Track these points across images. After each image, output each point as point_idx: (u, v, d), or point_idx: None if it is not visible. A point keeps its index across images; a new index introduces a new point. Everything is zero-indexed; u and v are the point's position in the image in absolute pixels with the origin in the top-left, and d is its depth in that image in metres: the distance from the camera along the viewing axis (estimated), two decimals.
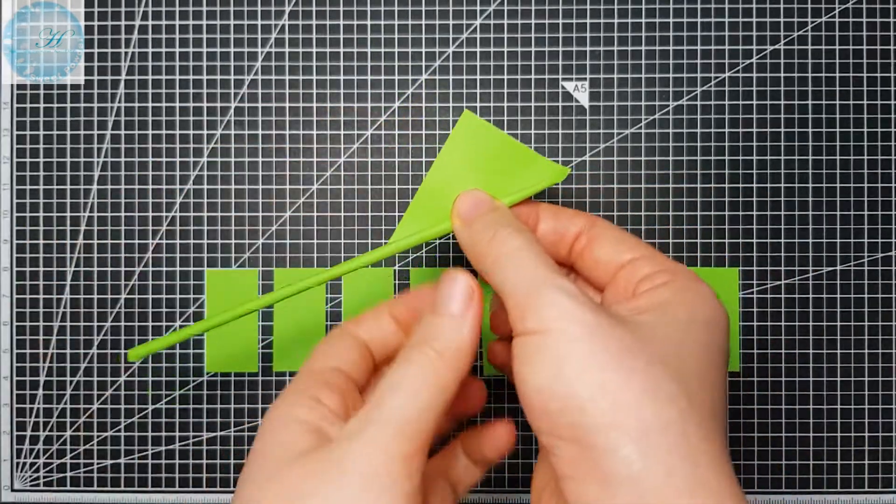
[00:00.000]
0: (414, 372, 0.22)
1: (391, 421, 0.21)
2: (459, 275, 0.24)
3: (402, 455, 0.21)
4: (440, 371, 0.22)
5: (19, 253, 0.33)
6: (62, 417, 0.33)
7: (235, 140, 0.33)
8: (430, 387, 0.22)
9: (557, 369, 0.20)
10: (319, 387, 0.23)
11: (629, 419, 0.19)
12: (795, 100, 0.33)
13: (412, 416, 0.21)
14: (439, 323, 0.23)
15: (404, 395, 0.21)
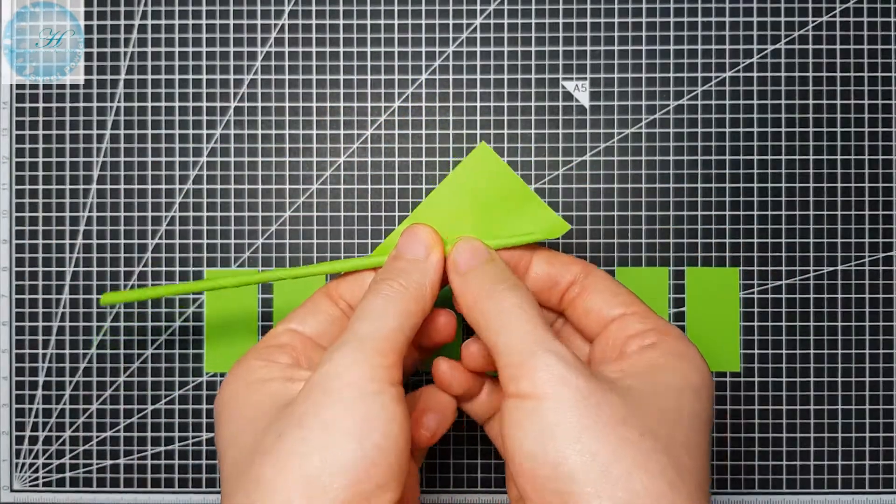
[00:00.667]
0: (382, 301, 0.24)
1: (366, 339, 0.22)
2: (421, 226, 0.26)
3: (383, 366, 0.22)
4: (406, 300, 0.24)
5: (18, 253, 0.33)
6: (62, 418, 0.33)
7: (235, 140, 0.33)
8: (397, 313, 0.23)
9: (549, 436, 0.20)
10: (269, 351, 0.25)
11: (619, 491, 0.20)
12: (796, 100, 0.33)
13: (384, 334, 0.23)
14: (403, 265, 0.25)
15: (375, 320, 0.23)
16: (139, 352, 0.33)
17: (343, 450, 0.20)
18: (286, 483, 0.20)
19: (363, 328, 0.23)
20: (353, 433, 0.21)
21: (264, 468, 0.21)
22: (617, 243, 0.33)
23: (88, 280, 0.33)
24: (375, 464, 0.21)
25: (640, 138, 0.33)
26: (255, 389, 0.24)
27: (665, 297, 0.33)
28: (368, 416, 0.21)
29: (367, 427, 0.21)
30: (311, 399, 0.21)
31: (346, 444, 0.20)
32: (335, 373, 0.21)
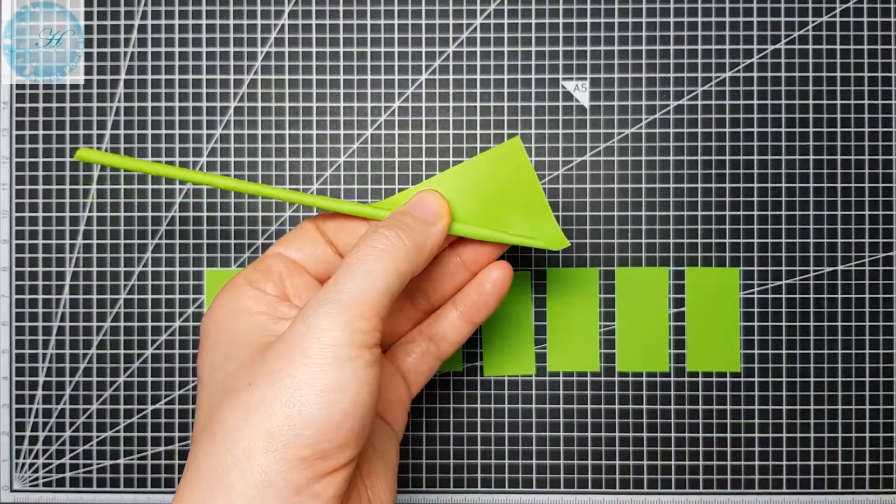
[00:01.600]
0: (374, 255, 0.23)
1: (349, 301, 0.22)
2: (436, 193, 0.26)
3: (362, 330, 0.22)
4: (398, 258, 0.23)
5: (18, 253, 0.33)
6: (62, 418, 0.33)
7: (235, 140, 0.33)
8: (386, 270, 0.23)
9: None
10: (257, 275, 0.25)
11: None
12: (796, 100, 0.33)
13: (368, 296, 0.22)
14: (409, 220, 0.25)
15: (362, 277, 0.22)
16: (139, 352, 0.33)
17: (309, 411, 0.21)
18: (248, 434, 0.21)
19: (347, 285, 0.22)
20: (322, 396, 0.21)
21: (230, 413, 0.21)
22: (617, 243, 0.33)
23: (88, 280, 0.33)
24: (339, 426, 0.21)
25: (640, 138, 0.33)
26: (240, 319, 0.24)
27: (665, 297, 0.33)
28: (340, 381, 0.21)
29: (337, 392, 0.21)
30: (286, 356, 0.21)
31: (312, 406, 0.21)
32: (313, 334, 0.22)
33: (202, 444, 0.22)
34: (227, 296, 0.25)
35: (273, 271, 0.25)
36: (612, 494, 0.33)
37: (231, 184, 0.26)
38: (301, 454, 0.21)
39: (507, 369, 0.33)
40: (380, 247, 0.23)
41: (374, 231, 0.24)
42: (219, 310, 0.25)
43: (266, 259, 0.26)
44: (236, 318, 0.24)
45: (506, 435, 0.33)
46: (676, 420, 0.33)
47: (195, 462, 0.22)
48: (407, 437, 0.33)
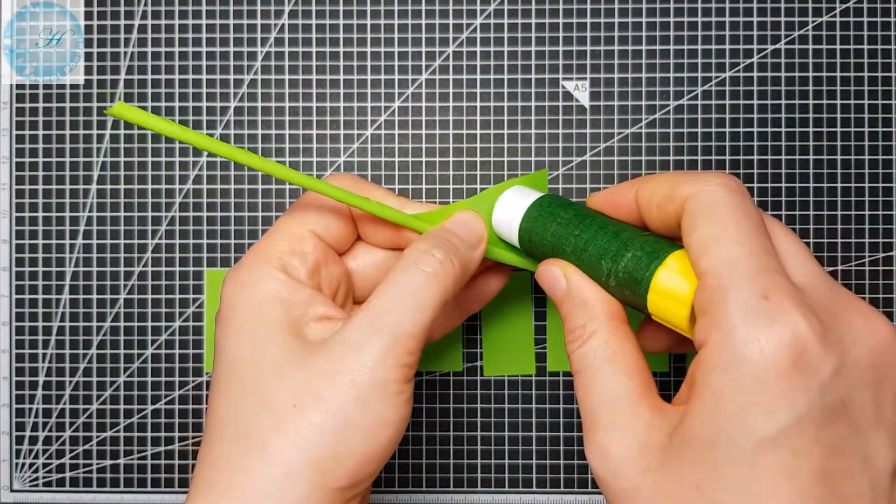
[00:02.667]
0: (425, 281, 0.22)
1: (401, 335, 0.22)
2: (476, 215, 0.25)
3: (408, 365, 0.22)
4: (447, 285, 0.23)
5: (18, 253, 0.33)
6: (62, 418, 0.33)
7: (235, 140, 0.33)
8: (435, 300, 0.22)
9: None
10: (293, 258, 0.24)
11: None
12: (796, 100, 0.33)
13: (417, 331, 0.22)
14: (458, 242, 0.24)
15: (413, 307, 0.22)
16: (139, 352, 0.33)
17: (355, 445, 0.21)
18: (292, 459, 0.21)
19: (399, 316, 0.22)
20: (369, 432, 0.21)
21: (273, 436, 0.21)
22: None
23: (88, 280, 0.33)
24: (378, 459, 0.22)
25: (640, 138, 0.33)
26: (274, 307, 0.23)
27: None
28: (386, 418, 0.21)
29: (383, 427, 0.21)
30: (335, 384, 0.21)
31: (359, 441, 0.21)
32: (364, 365, 0.21)
33: (231, 455, 0.21)
34: (257, 274, 0.23)
35: (309, 259, 0.24)
36: None
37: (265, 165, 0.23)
38: (340, 484, 0.21)
39: (507, 369, 0.33)
40: (429, 271, 0.23)
41: (423, 252, 0.23)
42: (252, 291, 0.23)
43: (303, 241, 0.24)
44: (270, 306, 0.23)
45: (506, 435, 0.33)
46: None
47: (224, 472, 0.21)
48: (407, 437, 0.33)
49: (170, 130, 0.22)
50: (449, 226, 0.25)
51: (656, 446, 0.19)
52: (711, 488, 0.18)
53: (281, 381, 0.22)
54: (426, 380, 0.33)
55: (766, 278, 0.18)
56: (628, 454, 0.20)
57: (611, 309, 0.22)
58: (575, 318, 0.23)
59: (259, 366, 0.22)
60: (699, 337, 0.19)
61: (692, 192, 0.21)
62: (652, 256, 0.21)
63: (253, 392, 0.22)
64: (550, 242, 0.24)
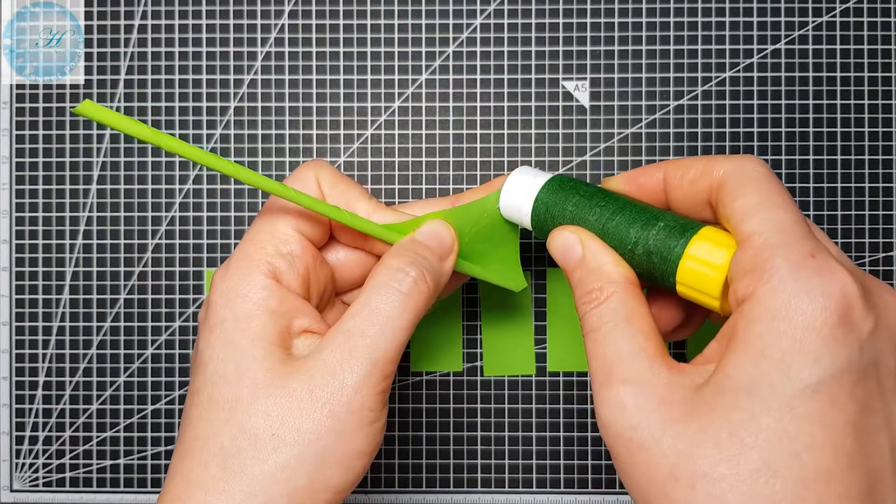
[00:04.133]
0: (400, 303, 0.22)
1: (378, 361, 0.22)
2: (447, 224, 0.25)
3: (382, 390, 0.22)
4: (421, 302, 0.23)
5: (18, 253, 0.33)
6: (62, 417, 0.33)
7: (235, 140, 0.33)
8: (409, 321, 0.23)
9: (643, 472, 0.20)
10: (280, 262, 0.23)
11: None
12: (796, 100, 0.33)
13: (391, 356, 0.22)
14: (430, 257, 0.24)
15: (389, 331, 0.22)
16: (139, 352, 0.33)
17: (332, 476, 0.22)
18: (270, 490, 0.21)
19: (375, 339, 0.22)
20: (345, 462, 0.22)
21: (250, 463, 0.21)
22: None
23: (88, 280, 0.33)
24: (352, 485, 0.22)
25: (640, 138, 0.33)
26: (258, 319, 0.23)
27: None
28: (361, 450, 0.22)
29: (359, 458, 0.22)
30: (314, 415, 0.21)
31: (335, 471, 0.22)
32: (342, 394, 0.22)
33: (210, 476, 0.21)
34: (248, 284, 0.23)
35: (298, 264, 0.24)
36: (613, 494, 0.33)
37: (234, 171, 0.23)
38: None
39: (507, 369, 0.33)
40: (404, 290, 0.23)
41: (396, 270, 0.23)
42: (240, 302, 0.23)
43: (289, 241, 0.24)
44: (256, 318, 0.23)
45: (506, 435, 0.33)
46: None
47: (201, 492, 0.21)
48: (407, 437, 0.33)
49: (136, 131, 0.21)
50: (419, 237, 0.25)
51: (679, 400, 0.19)
52: (745, 434, 0.18)
53: (259, 406, 0.22)
54: (426, 380, 0.33)
55: (811, 241, 0.19)
56: (647, 405, 0.20)
57: (627, 274, 0.22)
58: (590, 282, 0.22)
59: (239, 385, 0.22)
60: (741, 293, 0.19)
61: (731, 167, 0.21)
62: (685, 227, 0.22)
63: (231, 412, 0.22)
64: (571, 213, 0.24)
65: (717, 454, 0.18)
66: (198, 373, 0.23)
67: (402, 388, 0.33)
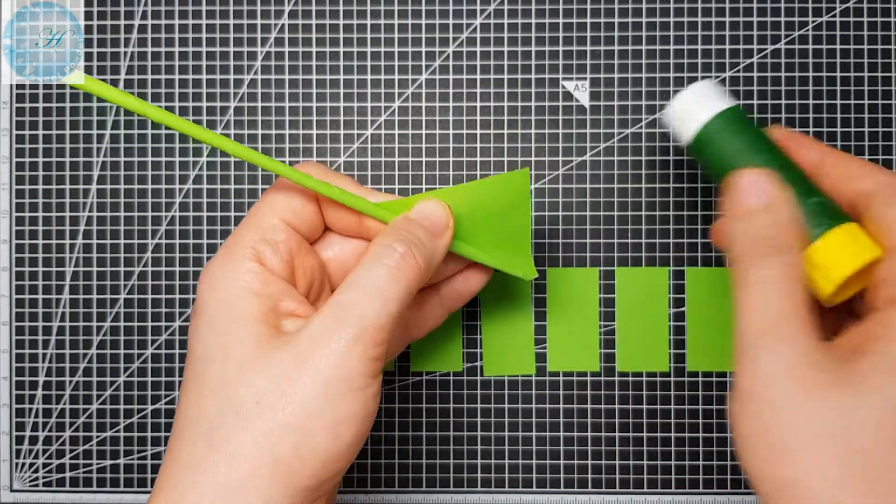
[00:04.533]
0: (389, 276, 0.22)
1: (365, 327, 0.21)
2: (440, 202, 0.25)
3: (374, 358, 0.22)
4: (411, 278, 0.23)
5: (18, 253, 0.33)
6: (62, 417, 0.33)
7: (235, 140, 0.33)
8: (401, 293, 0.22)
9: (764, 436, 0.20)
10: (265, 248, 0.23)
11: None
12: (796, 100, 0.33)
13: (382, 322, 0.22)
14: (421, 234, 0.24)
15: (377, 300, 0.22)
16: (139, 352, 0.33)
17: (318, 442, 0.21)
18: (255, 458, 0.21)
19: (365, 308, 0.22)
20: (333, 429, 0.21)
21: (236, 433, 0.21)
22: (617, 243, 0.33)
23: (88, 280, 0.33)
24: (343, 457, 0.21)
25: (640, 138, 0.33)
26: (242, 302, 0.22)
27: (665, 297, 0.33)
28: (351, 414, 0.21)
29: (348, 424, 0.21)
30: (298, 380, 0.21)
31: (322, 438, 0.21)
32: (328, 360, 0.21)
33: (196, 452, 0.21)
34: (230, 267, 0.23)
35: (282, 246, 0.24)
36: (612, 494, 0.33)
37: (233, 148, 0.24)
38: (305, 483, 0.21)
39: (507, 369, 0.33)
40: (392, 265, 0.22)
41: (385, 247, 0.23)
42: (222, 284, 0.23)
43: (275, 230, 0.24)
44: (239, 300, 0.22)
45: (506, 435, 0.33)
46: (676, 420, 0.33)
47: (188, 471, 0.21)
48: (407, 437, 0.33)
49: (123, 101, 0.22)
50: (412, 216, 0.24)
51: (830, 368, 0.20)
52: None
53: (244, 378, 0.21)
54: (426, 380, 0.33)
55: None
56: (801, 362, 0.20)
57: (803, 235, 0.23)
58: (780, 229, 0.22)
59: (224, 362, 0.22)
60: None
61: (888, 179, 0.23)
62: (836, 211, 0.23)
63: (218, 389, 0.22)
64: (739, 149, 0.24)
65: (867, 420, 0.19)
66: (187, 363, 0.23)
67: (402, 388, 0.33)
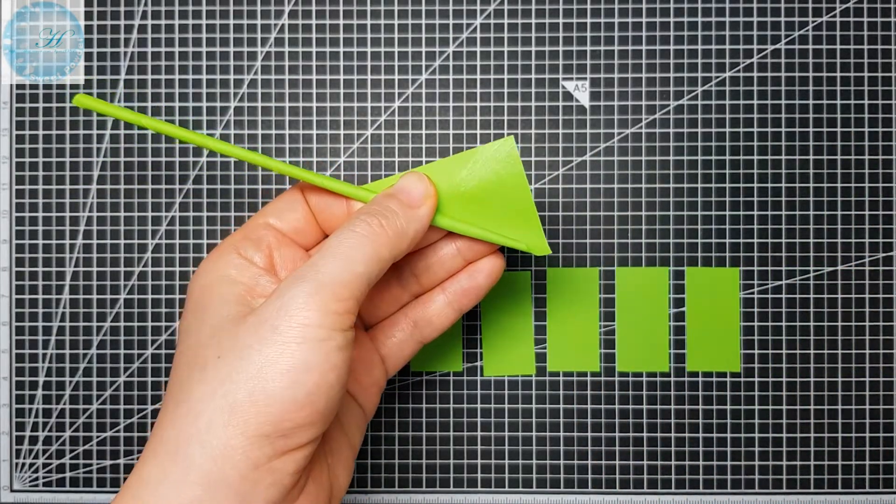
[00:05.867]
0: (355, 240, 0.23)
1: (325, 282, 0.22)
2: (420, 175, 0.26)
3: (336, 312, 0.22)
4: (380, 244, 0.23)
5: (18, 253, 0.33)
6: (62, 418, 0.33)
7: (235, 140, 0.33)
8: (366, 256, 0.23)
9: None
10: (247, 244, 0.25)
11: None
12: (796, 100, 0.33)
13: (346, 279, 0.22)
14: (393, 205, 0.25)
15: (341, 260, 0.22)
16: (139, 352, 0.33)
17: (273, 388, 0.21)
18: (212, 407, 0.21)
19: (326, 267, 0.22)
20: (288, 376, 0.21)
21: (197, 386, 0.22)
22: (617, 243, 0.33)
23: (88, 280, 0.33)
24: (302, 407, 0.21)
25: (640, 138, 0.33)
26: (221, 286, 0.24)
27: (665, 297, 0.33)
28: (307, 362, 0.21)
29: (304, 372, 0.21)
30: (256, 333, 0.22)
31: (277, 384, 0.21)
32: (286, 311, 0.22)
33: (166, 415, 0.22)
34: (213, 262, 0.25)
35: (263, 241, 0.25)
36: (612, 494, 0.33)
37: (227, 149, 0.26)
38: (262, 431, 0.21)
39: (507, 369, 0.33)
40: (361, 232, 0.23)
41: (356, 217, 0.24)
42: (205, 275, 0.25)
43: (258, 228, 0.26)
44: (218, 285, 0.24)
45: (506, 435, 0.33)
46: (676, 420, 0.33)
47: (160, 431, 0.22)
48: (407, 437, 0.33)
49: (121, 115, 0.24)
50: (390, 190, 0.25)
51: None
52: None
53: (213, 341, 0.22)
54: (426, 380, 0.33)
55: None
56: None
57: None
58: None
59: (200, 332, 0.23)
60: None
61: None
62: None
63: (190, 353, 0.23)
64: None
65: None
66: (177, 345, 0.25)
67: (402, 388, 0.33)
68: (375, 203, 0.25)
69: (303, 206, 0.27)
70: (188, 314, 0.24)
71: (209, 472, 0.21)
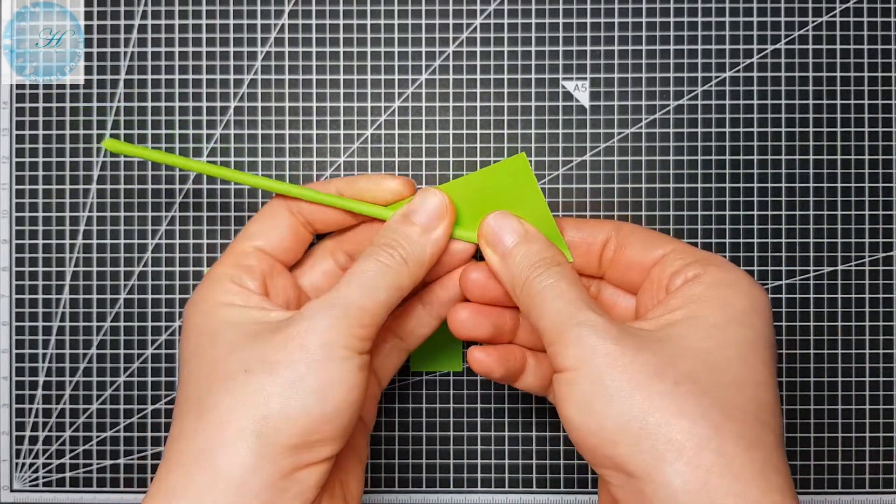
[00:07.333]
0: (377, 269, 0.24)
1: (349, 307, 0.23)
2: (435, 192, 0.26)
3: (359, 336, 0.23)
4: (401, 274, 0.25)
5: (18, 253, 0.33)
6: (62, 417, 0.33)
7: (235, 140, 0.33)
8: (388, 286, 0.24)
9: (588, 405, 0.21)
10: (240, 272, 0.26)
11: (660, 444, 0.20)
12: (796, 100, 0.33)
13: (368, 305, 0.23)
14: (409, 232, 0.26)
15: (364, 288, 0.24)
16: (139, 352, 0.33)
17: (305, 402, 0.22)
18: (242, 416, 0.22)
19: (352, 294, 0.23)
20: (318, 391, 0.22)
21: (224, 397, 0.22)
22: None
23: (88, 280, 0.33)
24: (330, 421, 0.22)
25: (640, 138, 0.33)
26: (229, 310, 0.24)
27: None
28: (335, 379, 0.22)
29: (332, 388, 0.22)
30: (285, 350, 0.22)
31: (308, 398, 0.22)
32: (314, 332, 0.23)
33: (187, 425, 0.22)
34: (211, 291, 0.25)
35: (255, 270, 0.26)
36: None
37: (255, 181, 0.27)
38: (291, 442, 0.22)
39: None
40: (384, 262, 0.24)
41: (376, 245, 0.25)
42: (203, 302, 0.25)
43: (247, 257, 0.26)
44: (225, 309, 0.24)
45: (506, 435, 0.33)
46: None
47: (179, 443, 0.22)
48: (407, 437, 0.33)
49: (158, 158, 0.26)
50: (406, 209, 0.26)
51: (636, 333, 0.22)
52: None
53: (233, 355, 0.23)
54: (426, 380, 0.33)
55: None
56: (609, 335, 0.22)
57: None
58: (538, 253, 0.25)
59: (215, 347, 0.23)
60: None
61: (681, 246, 0.27)
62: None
63: (208, 368, 0.23)
64: None
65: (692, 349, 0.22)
66: (180, 371, 0.25)
67: (402, 388, 0.33)
68: (392, 230, 0.26)
69: (286, 219, 0.27)
70: (192, 338, 0.25)
71: (236, 479, 0.21)
